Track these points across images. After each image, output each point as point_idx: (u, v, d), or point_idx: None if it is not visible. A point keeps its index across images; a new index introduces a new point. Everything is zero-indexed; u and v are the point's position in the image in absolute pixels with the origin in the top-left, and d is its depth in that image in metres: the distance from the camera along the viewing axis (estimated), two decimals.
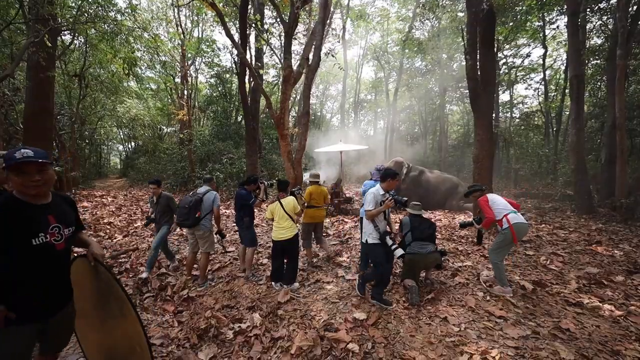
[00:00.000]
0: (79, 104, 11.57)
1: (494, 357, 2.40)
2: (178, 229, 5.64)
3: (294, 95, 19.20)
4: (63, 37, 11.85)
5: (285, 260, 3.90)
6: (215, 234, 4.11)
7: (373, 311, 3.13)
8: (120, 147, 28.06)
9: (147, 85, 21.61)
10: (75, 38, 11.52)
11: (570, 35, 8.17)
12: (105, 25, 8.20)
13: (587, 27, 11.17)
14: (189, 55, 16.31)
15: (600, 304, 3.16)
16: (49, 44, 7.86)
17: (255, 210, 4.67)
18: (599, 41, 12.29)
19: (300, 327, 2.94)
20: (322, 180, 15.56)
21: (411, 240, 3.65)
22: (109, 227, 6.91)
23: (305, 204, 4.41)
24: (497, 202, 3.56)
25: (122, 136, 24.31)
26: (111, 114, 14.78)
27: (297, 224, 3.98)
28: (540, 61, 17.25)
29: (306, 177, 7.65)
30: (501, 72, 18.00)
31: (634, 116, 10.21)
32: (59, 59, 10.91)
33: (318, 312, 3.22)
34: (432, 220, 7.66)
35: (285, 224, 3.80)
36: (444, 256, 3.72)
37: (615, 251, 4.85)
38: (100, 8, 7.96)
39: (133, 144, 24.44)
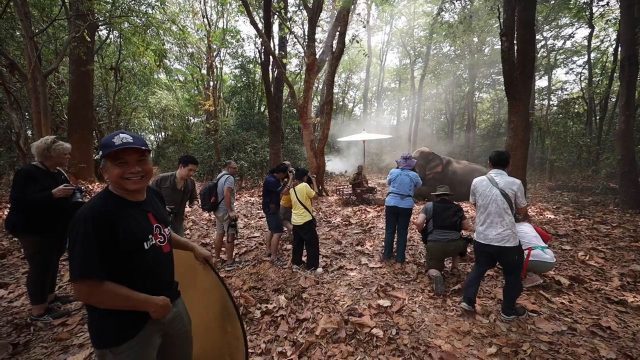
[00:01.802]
0: (115, 96, 12.25)
1: (525, 351, 2.33)
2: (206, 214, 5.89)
3: (317, 85, 19.07)
4: (100, 33, 12.53)
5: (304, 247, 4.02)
6: (225, 219, 4.04)
7: (397, 299, 3.13)
8: (152, 137, 29.56)
9: (176, 77, 22.43)
10: (111, 32, 12.13)
11: (624, 10, 7.36)
12: (137, 19, 8.54)
13: None
14: (214, 46, 16.62)
15: None
16: (88, 39, 8.36)
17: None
18: None
19: (325, 310, 3.00)
20: (344, 170, 15.52)
21: (432, 228, 3.58)
22: None
23: (321, 189, 4.60)
24: (525, 232, 3.37)
25: (153, 127, 25.54)
26: (144, 105, 15.55)
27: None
28: (585, 43, 15.75)
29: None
30: (539, 55, 16.67)
31: None
32: (97, 53, 11.57)
33: (342, 297, 3.27)
34: None
35: (298, 210, 3.90)
36: (470, 243, 3.60)
37: None
38: (132, 2, 8.29)
39: (163, 134, 25.61)
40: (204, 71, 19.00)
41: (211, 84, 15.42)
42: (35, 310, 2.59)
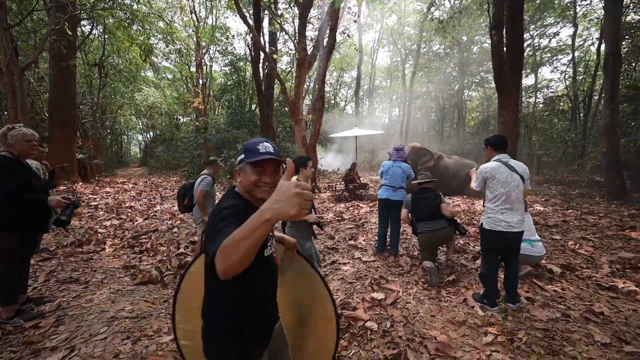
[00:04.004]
0: (100, 93, 11.88)
1: (520, 339, 2.30)
2: None
3: (308, 83, 18.97)
4: (83, 28, 12.13)
5: None
6: (199, 223, 3.70)
7: (391, 292, 3.07)
8: (140, 137, 28.93)
9: (164, 75, 21.97)
10: (94, 27, 11.75)
11: (608, 8, 7.52)
12: (122, 12, 8.27)
13: (624, 2, 10.27)
14: (203, 43, 16.33)
15: (637, 289, 2.96)
16: (69, 32, 8.03)
17: None
18: (637, 17, 11.32)
19: None
20: (337, 167, 15.48)
21: (415, 221, 3.56)
22: (130, 210, 7.13)
23: (313, 185, 4.40)
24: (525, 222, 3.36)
25: (141, 126, 24.99)
26: (130, 103, 15.12)
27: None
28: (569, 42, 16.14)
29: None
30: (526, 53, 16.98)
31: None
32: (79, 49, 11.18)
33: (335, 291, 3.19)
34: (450, 205, 7.45)
35: None
36: (463, 235, 3.56)
37: None
38: None
39: (151, 133, 25.09)
40: (192, 69, 18.67)
41: (200, 81, 15.15)
42: (5, 312, 2.42)
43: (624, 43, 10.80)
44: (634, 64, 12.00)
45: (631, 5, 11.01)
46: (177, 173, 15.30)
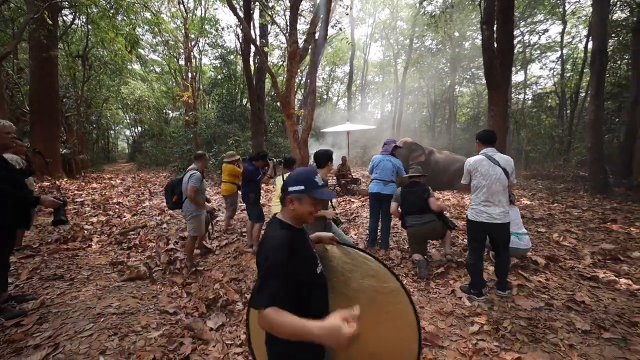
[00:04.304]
0: (84, 86, 11.50)
1: (505, 327, 2.36)
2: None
3: (300, 77, 18.79)
4: (64, 17, 11.67)
5: None
6: (188, 219, 3.68)
7: None
8: (128, 132, 28.26)
9: (152, 68, 21.41)
10: (77, 17, 11.32)
11: (595, 5, 7.64)
12: (105, 1, 7.97)
13: (611, 0, 10.47)
14: (192, 35, 15.94)
15: (617, 278, 3.07)
16: (50, 22, 7.72)
17: (263, 187, 4.59)
18: (624, 15, 11.57)
19: None
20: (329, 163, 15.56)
21: (405, 214, 3.59)
22: (117, 206, 6.98)
23: None
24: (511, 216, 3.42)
25: (128, 120, 24.37)
26: (116, 96, 14.68)
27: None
28: (558, 39, 16.40)
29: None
30: (515, 50, 17.18)
31: None
32: (61, 39, 10.76)
33: None
34: (439, 199, 7.56)
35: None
36: (452, 229, 3.62)
37: (632, 229, 4.70)
38: None
39: (139, 128, 24.51)
40: (181, 62, 18.24)
41: (189, 74, 14.82)
42: None
43: (610, 41, 11.05)
44: (619, 62, 12.31)
45: (618, 3, 11.22)
46: (167, 168, 15.03)
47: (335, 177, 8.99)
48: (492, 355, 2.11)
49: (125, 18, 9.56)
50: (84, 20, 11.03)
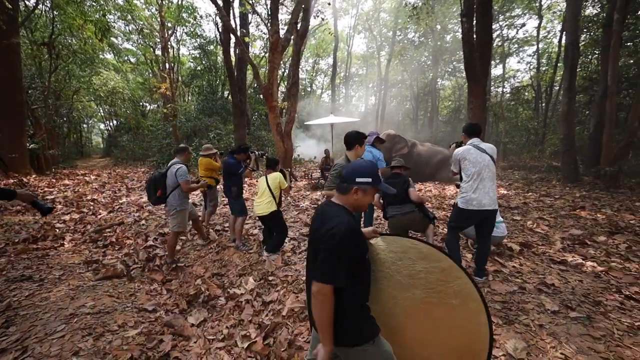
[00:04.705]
0: (51, 77, 10.77)
1: None
2: None
3: (283, 69, 18.48)
4: (27, 2, 10.84)
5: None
6: (171, 214, 3.60)
7: None
8: (102, 126, 26.93)
9: (126, 58, 20.36)
10: (40, 2, 10.52)
11: (568, 0, 7.90)
12: None
13: None
14: (169, 24, 15.23)
15: (583, 262, 3.26)
16: (9, 5, 7.14)
17: (245, 181, 4.51)
18: (595, 11, 12.06)
19: (292, 291, 2.92)
20: (314, 156, 15.45)
21: (386, 205, 3.64)
22: (92, 203, 6.67)
23: (291, 180, 4.27)
24: None
25: (102, 113, 23.19)
26: (87, 87, 13.85)
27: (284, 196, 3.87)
28: (534, 33, 16.95)
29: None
30: (495, 44, 17.64)
31: (622, 88, 10.25)
32: (23, 26, 9.99)
33: None
34: (422, 191, 7.72)
35: (263, 198, 3.63)
36: (433, 222, 3.71)
37: (598, 215, 4.99)
38: None
39: (115, 122, 23.40)
40: (158, 52, 17.44)
41: (167, 65, 14.21)
42: None
43: (582, 36, 11.51)
44: (590, 57, 12.86)
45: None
46: (145, 163, 14.49)
47: (319, 170, 8.98)
48: None
49: (94, 3, 8.95)
50: (49, 5, 10.28)
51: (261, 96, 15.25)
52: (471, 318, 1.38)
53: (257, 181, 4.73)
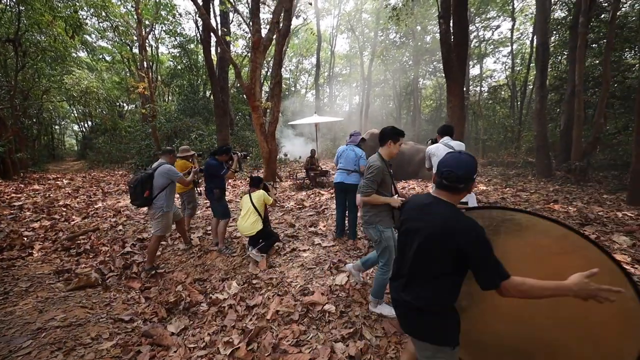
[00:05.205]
0: (17, 75, 10.13)
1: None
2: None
3: (267, 69, 18.27)
4: None
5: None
6: (157, 217, 3.47)
7: (349, 275, 3.14)
8: (76, 127, 25.67)
9: (100, 57, 19.48)
10: None
11: (538, 3, 8.26)
12: None
13: (552, 0, 11.44)
14: (147, 22, 14.69)
15: None
16: None
17: (229, 182, 4.42)
18: (563, 14, 12.71)
19: (276, 294, 2.88)
20: (299, 156, 15.45)
21: None
22: (65, 209, 6.33)
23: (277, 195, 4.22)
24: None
25: (76, 114, 22.08)
26: (58, 87, 13.13)
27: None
28: (509, 34, 17.64)
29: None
30: (472, 45, 18.23)
31: (589, 87, 10.85)
32: None
33: (295, 278, 3.18)
34: (405, 189, 7.85)
35: (249, 219, 3.56)
36: None
37: (570, 208, 5.24)
38: None
39: (90, 123, 22.36)
40: (135, 50, 16.79)
41: (145, 64, 13.71)
42: None
43: (552, 38, 12.09)
44: (559, 57, 13.52)
45: (558, 3, 12.27)
46: (123, 166, 13.92)
47: (304, 170, 8.94)
48: None
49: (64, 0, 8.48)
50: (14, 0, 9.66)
51: (244, 96, 15.03)
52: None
53: (241, 183, 4.68)
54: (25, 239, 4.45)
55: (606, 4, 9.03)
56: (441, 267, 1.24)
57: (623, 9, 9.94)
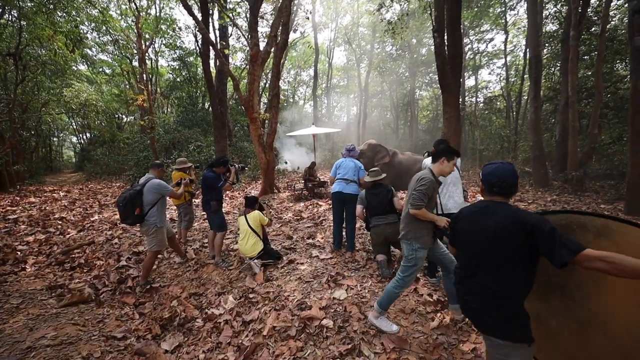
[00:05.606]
0: (17, 88, 10.21)
1: (462, 320, 2.46)
2: None
3: (265, 81, 18.53)
4: None
5: None
6: (150, 234, 3.48)
7: (347, 288, 3.10)
8: (74, 139, 25.70)
9: (100, 69, 19.72)
10: (6, 11, 10.06)
11: (530, 17, 8.50)
12: None
13: (544, 14, 11.79)
14: (147, 35, 14.96)
15: None
16: None
17: (226, 194, 4.41)
18: (554, 27, 13.08)
19: (274, 308, 2.83)
20: (297, 167, 15.47)
21: (369, 216, 3.65)
22: (60, 222, 6.26)
23: (272, 216, 4.24)
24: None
25: (75, 126, 22.16)
26: (57, 99, 13.22)
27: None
28: (502, 47, 18.07)
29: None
30: (467, 57, 18.63)
31: (582, 98, 11.04)
32: None
33: (292, 292, 3.13)
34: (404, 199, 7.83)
35: (250, 240, 3.56)
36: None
37: None
38: None
39: (88, 134, 22.42)
40: (135, 63, 17.02)
41: (144, 76, 13.88)
42: None
43: (545, 51, 12.39)
44: (552, 69, 13.82)
45: (549, 17, 12.64)
46: (121, 178, 13.88)
47: (302, 181, 8.94)
48: (451, 347, 2.19)
49: (65, 15, 8.63)
50: (16, 15, 9.84)
51: (242, 107, 15.17)
52: None
53: (239, 194, 4.66)
54: (19, 253, 4.38)
55: (596, 18, 9.31)
56: (512, 260, 1.32)
57: (612, 22, 10.24)
